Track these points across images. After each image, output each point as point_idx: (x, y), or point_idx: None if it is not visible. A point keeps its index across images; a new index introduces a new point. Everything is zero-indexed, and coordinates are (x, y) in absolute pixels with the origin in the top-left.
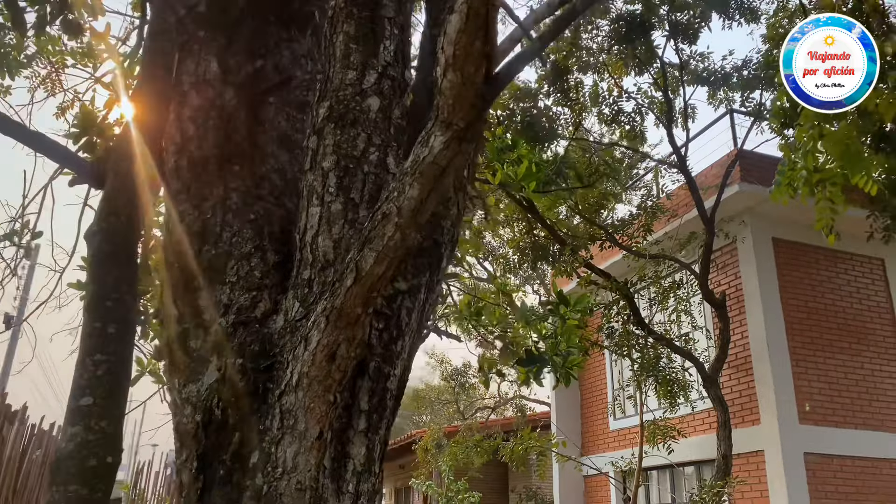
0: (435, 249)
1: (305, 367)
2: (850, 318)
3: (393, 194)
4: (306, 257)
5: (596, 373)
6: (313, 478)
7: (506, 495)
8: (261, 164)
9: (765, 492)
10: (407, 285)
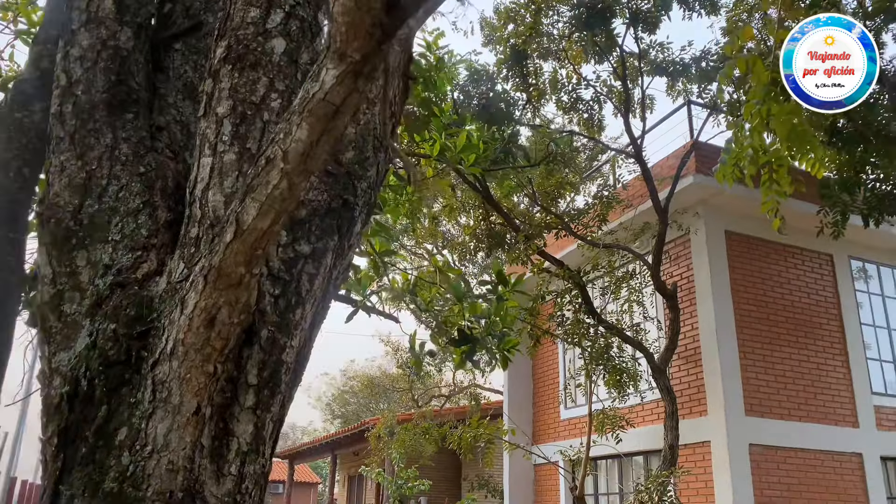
0: (345, 211)
1: (181, 334)
2: (798, 312)
3: (279, 136)
4: (195, 213)
5: (548, 362)
6: (187, 457)
7: (458, 483)
8: (160, 114)
9: (710, 482)
10: (310, 248)
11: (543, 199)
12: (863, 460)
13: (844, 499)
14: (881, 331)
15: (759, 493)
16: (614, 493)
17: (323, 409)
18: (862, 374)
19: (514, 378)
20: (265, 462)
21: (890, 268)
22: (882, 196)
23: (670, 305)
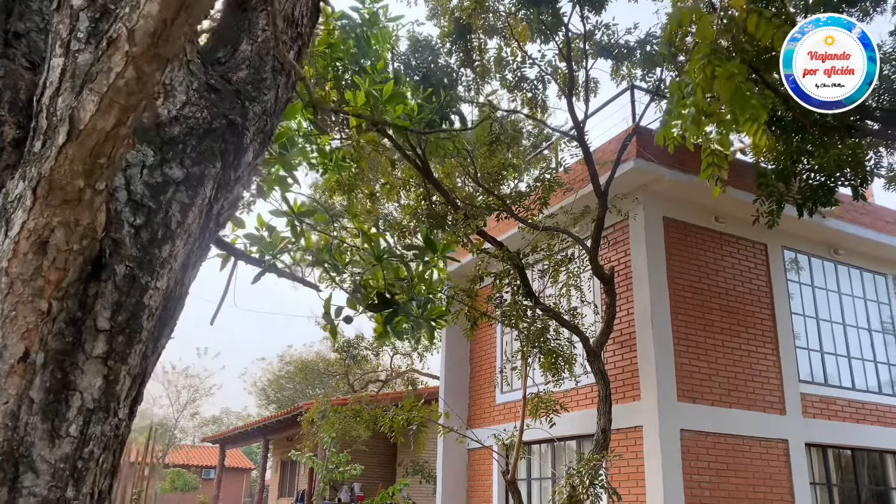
0: (231, 135)
1: (4, 261)
2: (731, 300)
3: (123, 11)
4: (41, 124)
5: (486, 347)
6: (10, 413)
7: (393, 469)
8: (20, 20)
9: (641, 467)
10: (183, 173)
11: (485, 180)
12: (788, 446)
13: (770, 484)
14: (810, 320)
15: (688, 478)
16: (547, 478)
17: (258, 395)
18: (790, 363)
19: (452, 362)
20: (119, 423)
21: (820, 259)
22: (816, 187)
23: (607, 290)
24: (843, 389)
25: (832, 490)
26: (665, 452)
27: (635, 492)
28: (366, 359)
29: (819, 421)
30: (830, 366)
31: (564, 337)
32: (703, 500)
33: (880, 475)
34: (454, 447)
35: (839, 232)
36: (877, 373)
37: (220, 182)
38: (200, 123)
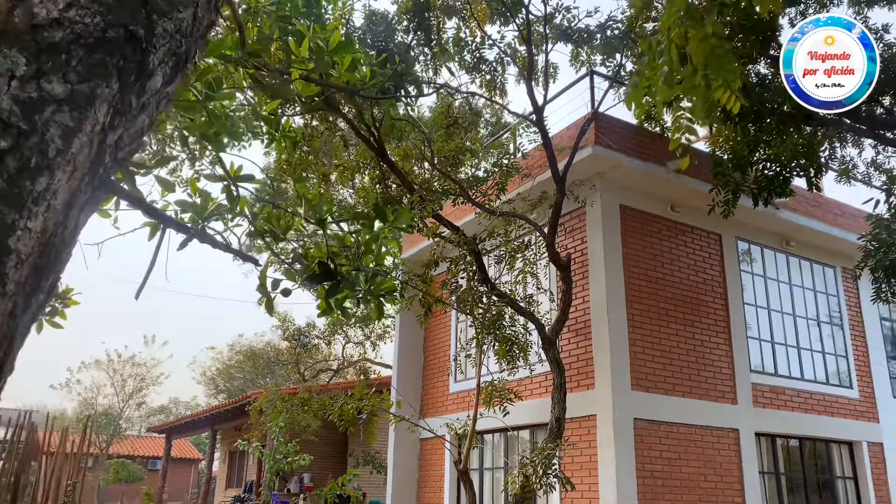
0: (131, 50)
1: None
2: (686, 289)
3: None
4: None
5: (440, 335)
6: None
7: (344, 459)
8: None
9: (594, 456)
10: (65, 90)
11: (442, 164)
12: (739, 436)
13: (720, 473)
14: (761, 311)
15: (640, 467)
16: (500, 468)
17: (207, 384)
18: (742, 353)
19: (405, 350)
20: None
21: (772, 250)
22: (772, 177)
23: (563, 277)
24: (791, 380)
25: (780, 479)
26: (618, 441)
27: (588, 481)
28: (317, 348)
29: (768, 410)
30: (780, 356)
31: (520, 324)
32: (656, 489)
33: (825, 464)
34: (406, 437)
35: (791, 223)
36: (824, 363)
37: (117, 107)
38: (91, 31)
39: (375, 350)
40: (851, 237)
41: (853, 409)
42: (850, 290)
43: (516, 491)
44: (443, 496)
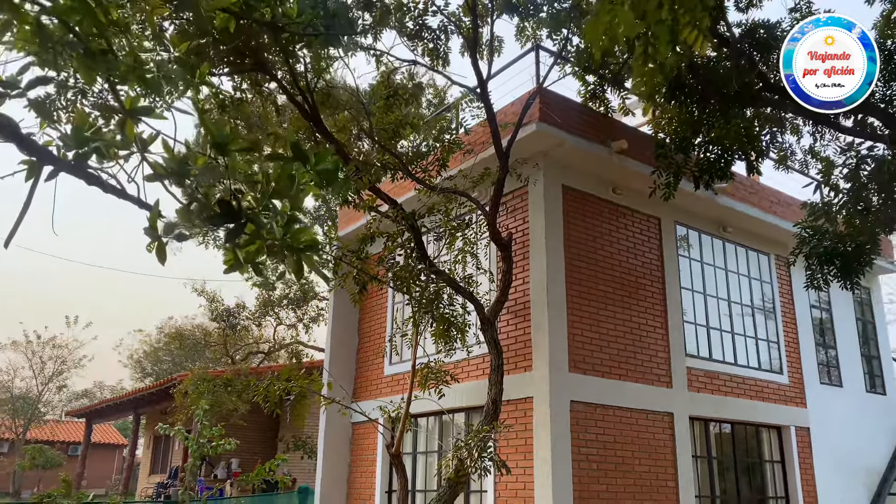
0: None
1: None
2: (625, 272)
3: None
4: None
5: (376, 315)
6: None
7: (274, 445)
8: None
9: (529, 439)
10: None
11: (381, 137)
12: (674, 419)
13: (655, 457)
14: (697, 296)
15: (576, 450)
16: (433, 452)
17: (134, 368)
18: (678, 337)
19: (339, 331)
20: None
21: (710, 236)
22: (713, 160)
23: (504, 256)
24: (725, 364)
25: (711, 463)
26: (554, 424)
27: (523, 464)
28: (247, 329)
29: (703, 395)
30: (715, 341)
31: (458, 303)
32: (591, 472)
33: (755, 448)
34: (337, 421)
35: (729, 209)
36: (757, 350)
37: None
38: None
39: (308, 333)
40: (786, 225)
41: (783, 394)
42: (783, 277)
43: (450, 475)
44: (374, 481)
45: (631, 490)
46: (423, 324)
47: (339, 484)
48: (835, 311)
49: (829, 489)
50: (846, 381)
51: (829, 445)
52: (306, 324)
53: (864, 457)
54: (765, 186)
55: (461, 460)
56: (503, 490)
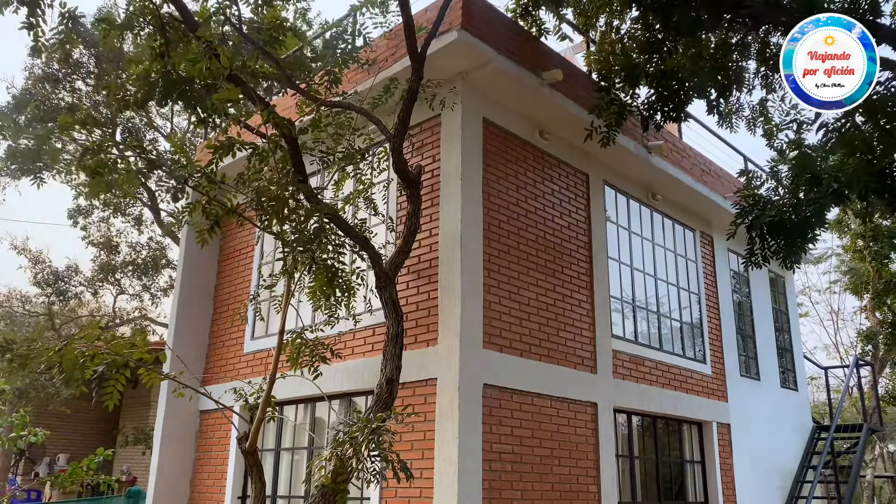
0: None
1: None
2: (549, 233)
3: None
4: None
5: (236, 275)
6: None
7: (113, 438)
8: None
9: (430, 432)
10: None
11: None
12: (597, 411)
13: (576, 455)
14: (624, 269)
15: (487, 447)
16: (302, 449)
17: None
18: (604, 314)
19: (188, 293)
20: None
21: (638, 203)
22: (669, 93)
23: (410, 195)
24: (651, 349)
25: (634, 463)
26: (464, 414)
27: (420, 465)
28: (79, 298)
29: (628, 383)
30: (641, 322)
31: (348, 246)
32: (504, 475)
33: (676, 446)
34: (181, 408)
35: (661, 173)
36: (682, 334)
37: None
38: None
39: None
40: (715, 197)
41: (706, 386)
42: (707, 256)
43: (325, 479)
44: (225, 484)
45: (549, 497)
46: (299, 273)
47: (179, 486)
48: (754, 298)
49: (746, 492)
50: (763, 374)
51: (747, 444)
52: (154, 293)
53: (778, 457)
54: (696, 153)
55: (342, 460)
56: (391, 499)
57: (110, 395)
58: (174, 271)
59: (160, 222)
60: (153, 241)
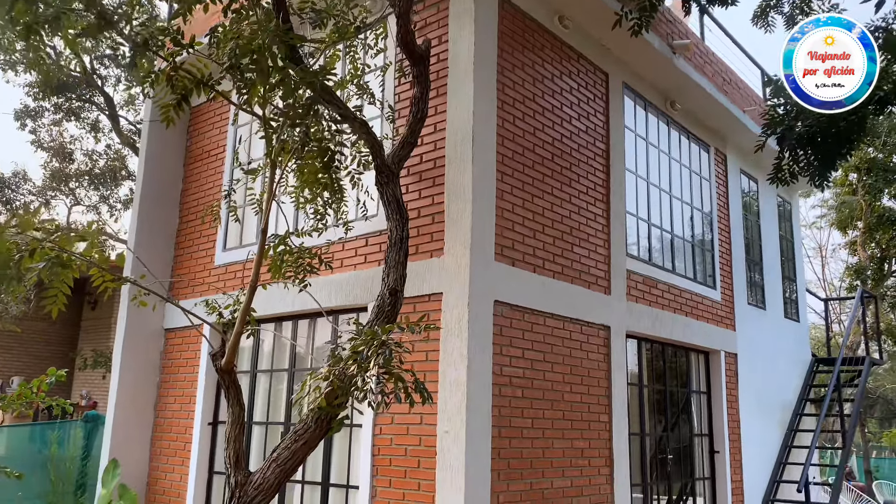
0: None
1: None
2: (566, 134)
3: None
4: None
5: (204, 182)
6: None
7: (71, 361)
8: None
9: (433, 353)
10: None
11: None
12: (610, 335)
13: (587, 382)
14: (640, 183)
15: (497, 371)
16: (282, 371)
17: None
18: (619, 231)
19: (150, 201)
20: None
21: (656, 113)
22: None
23: (417, 75)
24: (664, 272)
25: (643, 392)
26: (473, 333)
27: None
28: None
29: (640, 306)
30: (655, 241)
31: (345, 135)
32: (514, 401)
33: (683, 375)
34: (143, 324)
35: (683, 78)
36: (693, 257)
37: None
38: None
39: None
40: (735, 111)
41: (715, 313)
42: (720, 176)
43: (320, 401)
44: (193, 408)
45: (560, 426)
46: (286, 159)
47: (142, 411)
48: (763, 223)
49: (749, 425)
50: (769, 303)
51: (752, 376)
52: (112, 205)
53: (780, 389)
54: (719, 60)
55: (341, 379)
56: (386, 426)
57: (53, 301)
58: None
59: (118, 130)
60: (111, 149)
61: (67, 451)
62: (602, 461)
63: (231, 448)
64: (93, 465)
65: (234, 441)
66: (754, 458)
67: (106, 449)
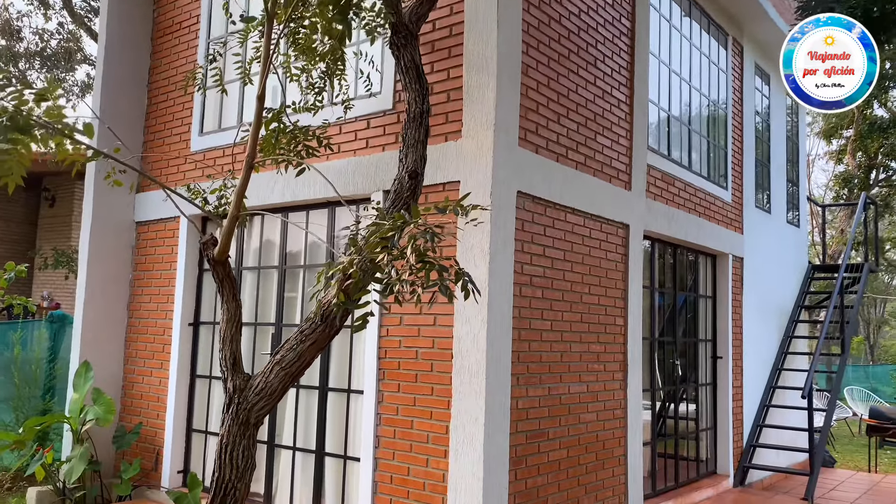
0: None
1: None
2: (592, 7)
3: None
4: None
5: (176, 59)
6: None
7: (29, 260)
8: None
9: (449, 247)
10: None
11: None
12: (629, 234)
13: (605, 283)
14: (663, 69)
15: (518, 269)
16: (272, 267)
17: None
18: (642, 121)
19: (114, 81)
20: None
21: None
22: None
23: None
24: (681, 168)
25: (654, 296)
26: (496, 226)
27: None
28: None
29: (658, 204)
30: (674, 135)
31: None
32: (534, 301)
33: (691, 279)
34: (112, 216)
35: None
36: (708, 154)
37: None
38: None
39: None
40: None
41: (725, 214)
42: (736, 69)
43: (339, 296)
44: (171, 308)
45: (577, 329)
46: (288, 8)
47: (114, 311)
48: (773, 121)
49: (750, 331)
50: (774, 207)
51: (755, 281)
52: (68, 89)
53: (780, 295)
54: None
55: (363, 270)
56: (394, 327)
57: (10, 172)
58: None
59: (71, 10)
60: (64, 27)
61: (32, 353)
62: (616, 366)
63: (227, 349)
64: (61, 368)
65: (231, 341)
66: (753, 364)
67: (76, 351)
